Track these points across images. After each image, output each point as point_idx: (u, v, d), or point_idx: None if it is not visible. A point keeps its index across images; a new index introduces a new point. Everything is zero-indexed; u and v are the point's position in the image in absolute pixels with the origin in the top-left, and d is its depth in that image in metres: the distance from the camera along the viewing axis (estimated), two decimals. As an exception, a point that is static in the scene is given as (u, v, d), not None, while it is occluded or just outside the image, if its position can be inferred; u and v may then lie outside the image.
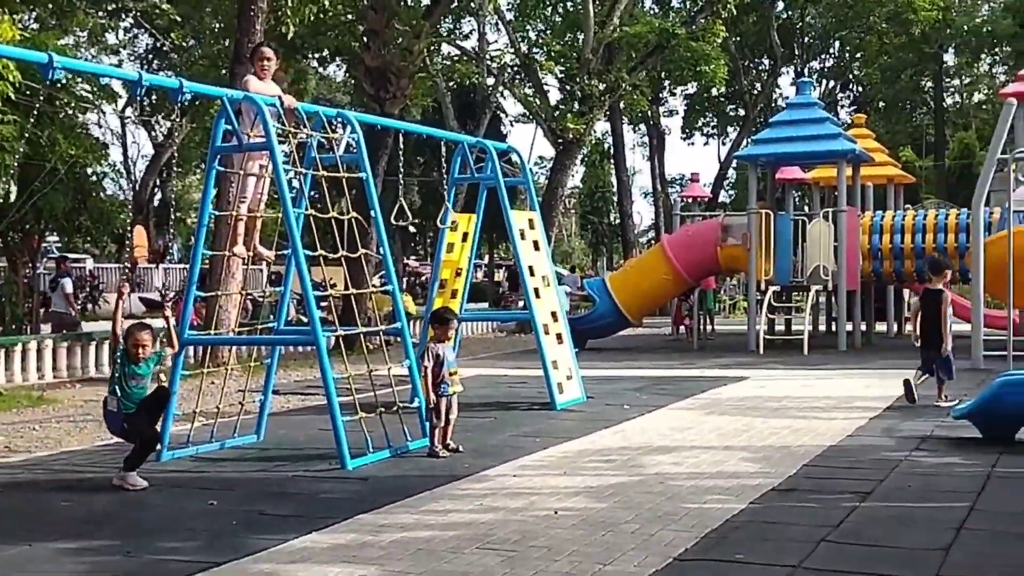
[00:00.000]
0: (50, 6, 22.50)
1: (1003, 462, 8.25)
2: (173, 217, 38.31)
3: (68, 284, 20.25)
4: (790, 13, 47.83)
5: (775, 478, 7.85)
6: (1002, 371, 12.06)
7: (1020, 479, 7.70)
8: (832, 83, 52.08)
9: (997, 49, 49.48)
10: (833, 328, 21.86)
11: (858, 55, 49.52)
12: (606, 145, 54.47)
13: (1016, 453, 8.65)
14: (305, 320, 12.53)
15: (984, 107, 53.55)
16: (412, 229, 12.09)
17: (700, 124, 54.82)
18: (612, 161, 49.74)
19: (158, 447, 8.58)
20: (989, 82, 54.17)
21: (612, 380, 14.83)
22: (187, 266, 11.33)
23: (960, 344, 17.57)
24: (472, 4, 29.95)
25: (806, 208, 24.79)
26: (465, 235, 13.03)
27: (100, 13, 23.82)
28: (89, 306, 28.65)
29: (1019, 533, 6.23)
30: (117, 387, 8.01)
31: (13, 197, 17.56)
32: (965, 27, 48.92)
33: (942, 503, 6.99)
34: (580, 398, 12.55)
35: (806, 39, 49.95)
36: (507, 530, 6.41)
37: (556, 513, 6.84)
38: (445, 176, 12.53)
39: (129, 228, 27.73)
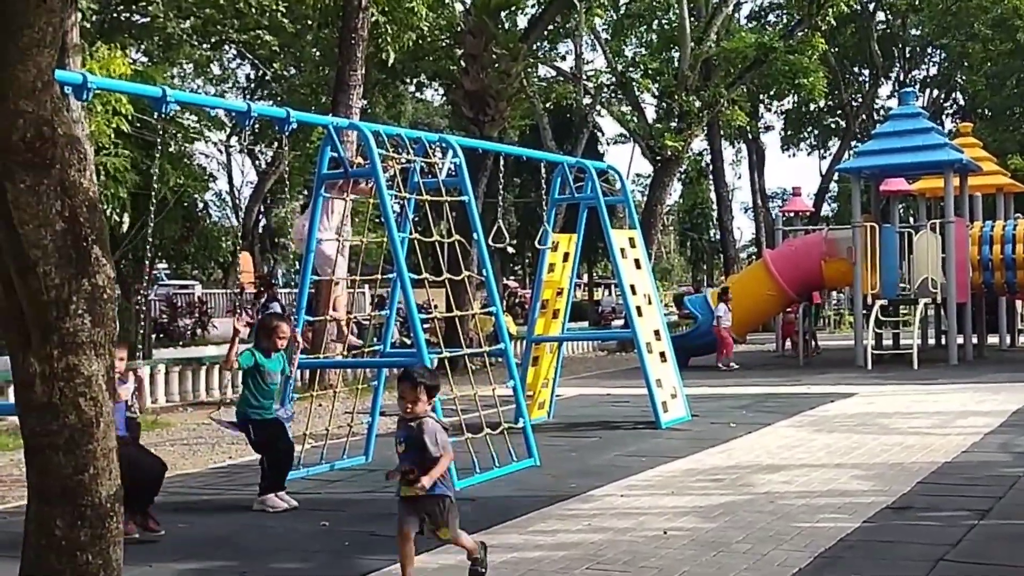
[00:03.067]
0: (157, 39, 23.19)
1: None
2: (276, 243, 38.98)
3: (277, 308, 20.16)
4: (890, 22, 47.07)
5: (888, 496, 7.70)
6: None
7: None
8: (935, 92, 51.05)
9: (1111, 50, 47.97)
10: (943, 342, 21.38)
11: (962, 63, 48.47)
12: (704, 162, 54.11)
13: None
14: (409, 342, 12.68)
15: (1098, 111, 51.94)
16: (511, 250, 12.15)
17: (801, 137, 54.12)
18: (711, 177, 49.37)
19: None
20: (1100, 86, 52.56)
21: (717, 398, 14.70)
22: (294, 291, 11.54)
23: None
24: (568, 25, 30.03)
25: (911, 220, 24.29)
26: (566, 255, 13.05)
27: (205, 45, 24.45)
28: (198, 331, 29.38)
29: None
30: (250, 395, 8.08)
31: (126, 227, 18.10)
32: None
33: (1066, 521, 6.80)
34: (685, 417, 12.47)
35: (907, 48, 49.08)
36: (616, 551, 6.39)
37: (665, 533, 6.81)
38: (544, 197, 12.59)
39: (235, 254, 28.35)
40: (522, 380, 11.80)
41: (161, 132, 10.88)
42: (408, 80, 26.82)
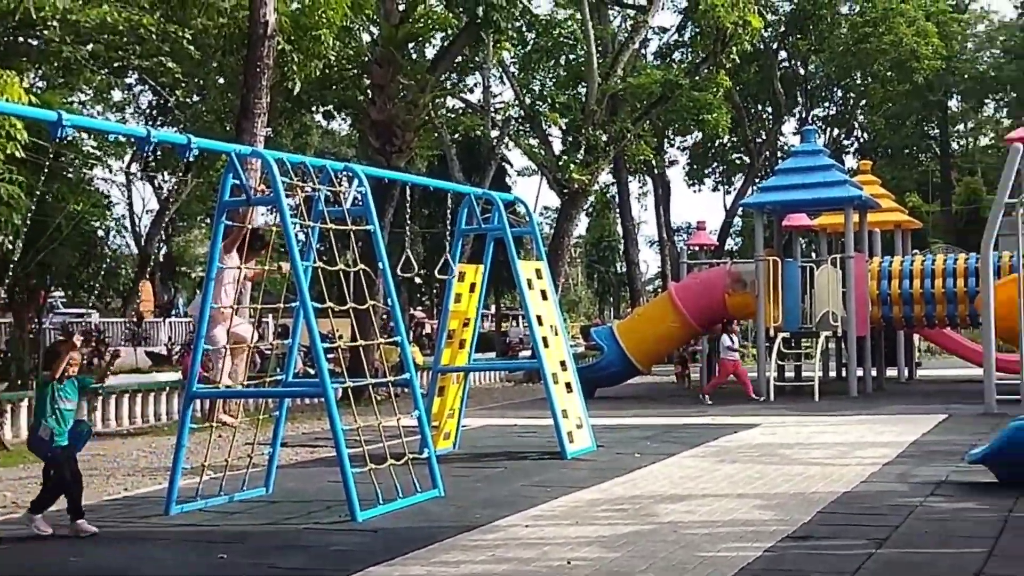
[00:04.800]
0: (56, 64, 22.70)
1: (1020, 507, 8.18)
2: (177, 271, 38.36)
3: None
4: (792, 62, 48.15)
5: (790, 525, 7.76)
6: (1016, 415, 11.96)
7: (1038, 523, 7.61)
8: (837, 130, 52.30)
9: (1001, 94, 49.77)
10: (843, 374, 21.75)
11: (862, 102, 49.77)
12: (611, 195, 54.65)
13: (1033, 497, 8.56)
14: (313, 372, 12.51)
15: (990, 151, 53.78)
16: (418, 280, 12.09)
17: (706, 172, 54.99)
18: (617, 210, 49.86)
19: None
20: (994, 127, 54.44)
21: (622, 428, 14.75)
22: (193, 319, 11.32)
23: (972, 389, 17.59)
24: (477, 58, 30.15)
25: (813, 255, 24.73)
26: (472, 286, 13.02)
27: (105, 71, 23.99)
28: (95, 360, 28.65)
29: (1039, 578, 6.15)
30: (48, 415, 8.11)
31: (18, 255, 17.59)
32: (968, 74, 49.25)
33: (959, 549, 6.91)
34: (590, 447, 12.48)
35: (809, 87, 50.25)
36: (520, 581, 6.34)
37: (569, 563, 6.76)
38: (451, 228, 12.55)
39: (134, 282, 27.81)
40: (428, 410, 11.71)
41: (53, 157, 10.60)
42: (315, 109, 26.64)
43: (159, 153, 30.59)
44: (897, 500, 8.69)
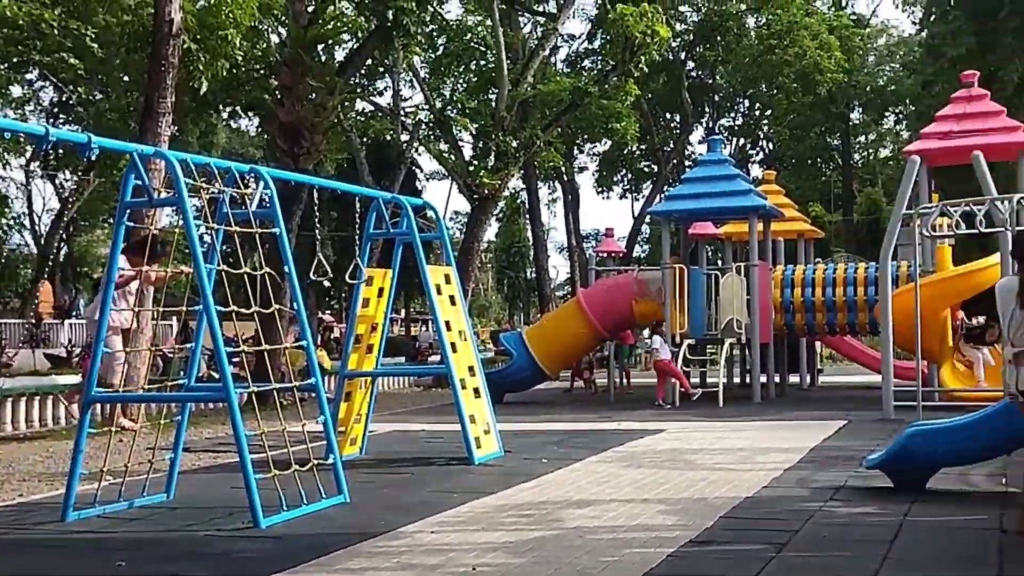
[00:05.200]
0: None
1: (914, 511, 8.34)
2: (79, 272, 37.55)
3: None
4: (700, 72, 48.84)
5: (693, 530, 7.84)
6: (912, 421, 12.26)
7: (931, 527, 7.78)
8: (743, 140, 53.21)
9: (900, 107, 51.05)
10: (747, 380, 22.09)
11: (767, 113, 50.69)
12: (521, 200, 54.86)
13: (927, 502, 8.75)
14: (216, 376, 12.32)
15: (890, 163, 55.13)
16: (327, 284, 11.99)
17: (614, 180, 55.52)
18: (527, 216, 50.06)
19: None
20: (894, 139, 55.84)
21: (530, 434, 14.78)
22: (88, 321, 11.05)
23: (871, 395, 17.99)
24: (387, 61, 30.05)
25: (719, 262, 25.12)
26: (381, 290, 12.94)
27: (4, 66, 23.38)
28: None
29: (931, 581, 6.30)
30: None
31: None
32: (869, 87, 50.46)
33: (856, 552, 7.03)
34: (498, 452, 12.48)
35: (716, 97, 51.03)
36: (424, 588, 6.31)
37: (474, 569, 6.75)
38: (359, 232, 12.46)
39: (33, 283, 27.14)
40: (334, 415, 11.61)
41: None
42: (221, 109, 26.28)
43: (60, 151, 29.93)
44: (797, 505, 8.83)
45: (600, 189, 55.71)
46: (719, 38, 45.61)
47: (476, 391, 12.65)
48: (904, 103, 49.25)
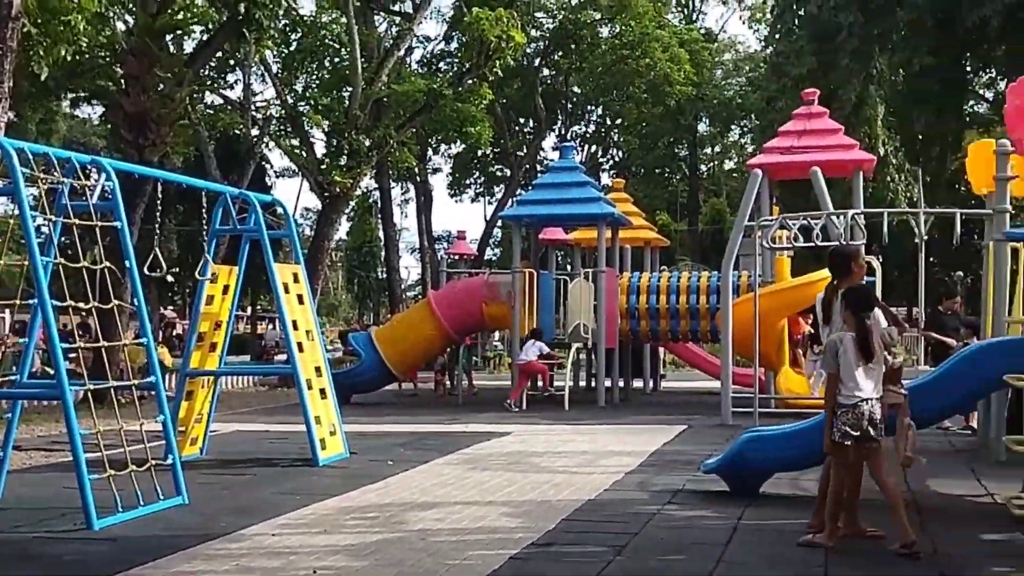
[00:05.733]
0: None
1: (748, 515, 8.60)
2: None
3: None
4: (554, 79, 49.36)
5: (535, 532, 7.93)
6: (748, 427, 12.63)
7: (763, 531, 8.04)
8: (594, 147, 53.97)
9: (746, 121, 52.56)
10: (593, 384, 22.40)
11: (618, 122, 51.56)
12: (373, 200, 54.54)
13: (760, 506, 9.03)
14: (51, 372, 11.90)
15: (734, 175, 56.69)
16: (170, 279, 11.69)
17: (467, 183, 55.69)
18: (379, 216, 49.82)
19: None
20: (739, 151, 57.47)
21: (376, 435, 14.70)
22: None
23: (711, 401, 18.46)
24: (238, 54, 29.47)
25: (568, 268, 25.42)
26: (226, 287, 12.69)
27: None
28: None
29: (763, 582, 6.50)
30: None
31: None
32: (716, 100, 51.82)
33: (693, 555, 7.22)
34: (343, 454, 12.38)
35: (569, 105, 51.67)
36: (263, 591, 6.22)
37: (315, 573, 6.69)
38: (206, 227, 12.20)
39: None
40: (174, 415, 11.35)
41: None
42: (63, 96, 25.38)
43: None
44: (637, 508, 9.01)
45: (453, 191, 55.86)
46: (573, 46, 46.20)
47: (322, 392, 12.53)
48: (749, 117, 50.73)
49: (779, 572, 6.77)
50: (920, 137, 35.03)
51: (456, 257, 29.20)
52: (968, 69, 36.00)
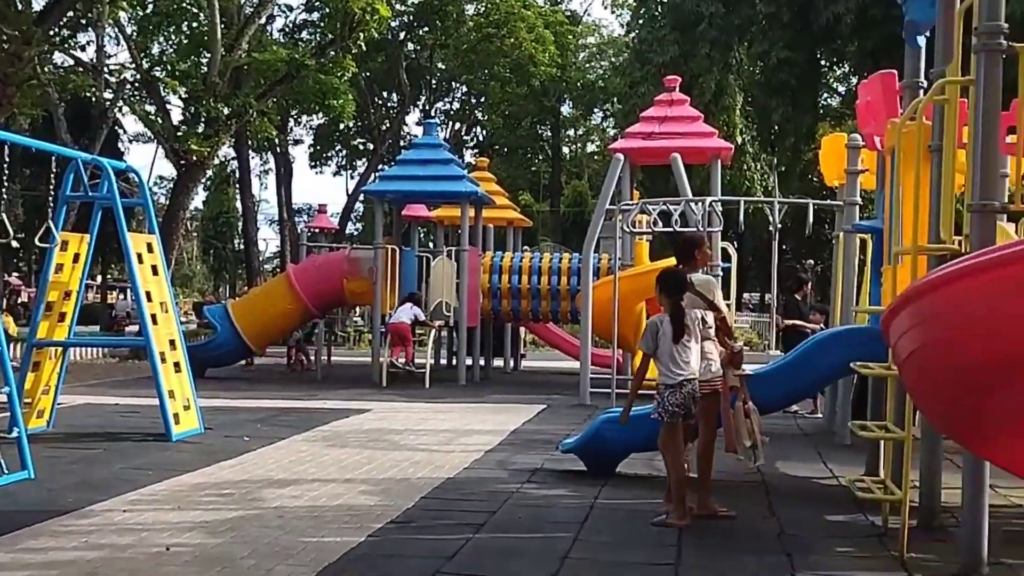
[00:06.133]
0: None
1: (604, 494, 8.74)
2: None
3: None
4: (419, 54, 49.07)
5: (394, 511, 7.91)
6: (605, 407, 12.83)
7: (618, 510, 8.18)
8: (458, 125, 53.87)
9: (608, 105, 53.14)
10: (454, 362, 22.44)
11: (483, 100, 51.56)
12: (231, 170, 53.45)
13: (616, 486, 9.18)
14: None
15: (596, 158, 57.33)
16: (15, 244, 11.23)
17: (329, 155, 54.99)
18: (237, 186, 48.86)
19: None
20: (600, 135, 58.11)
21: (232, 411, 14.44)
22: None
23: (570, 381, 18.68)
24: (90, 14, 28.43)
25: (430, 245, 25.37)
26: (77, 256, 12.28)
27: None
28: None
29: (616, 561, 6.61)
30: None
31: None
32: (580, 83, 52.27)
33: (549, 533, 7.30)
34: (198, 429, 12.13)
35: (433, 81, 51.45)
36: (113, 568, 6.07)
37: (168, 549, 6.55)
38: (55, 192, 11.76)
39: None
40: (20, 386, 10.94)
41: None
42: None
43: None
44: (496, 487, 9.07)
45: (314, 163, 55.09)
46: (439, 22, 45.99)
47: (176, 365, 12.25)
48: (611, 101, 51.29)
49: (634, 550, 6.90)
50: (776, 128, 35.95)
51: (317, 231, 28.80)
52: (822, 63, 37.07)
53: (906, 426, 7.19)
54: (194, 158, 26.68)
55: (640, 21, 39.34)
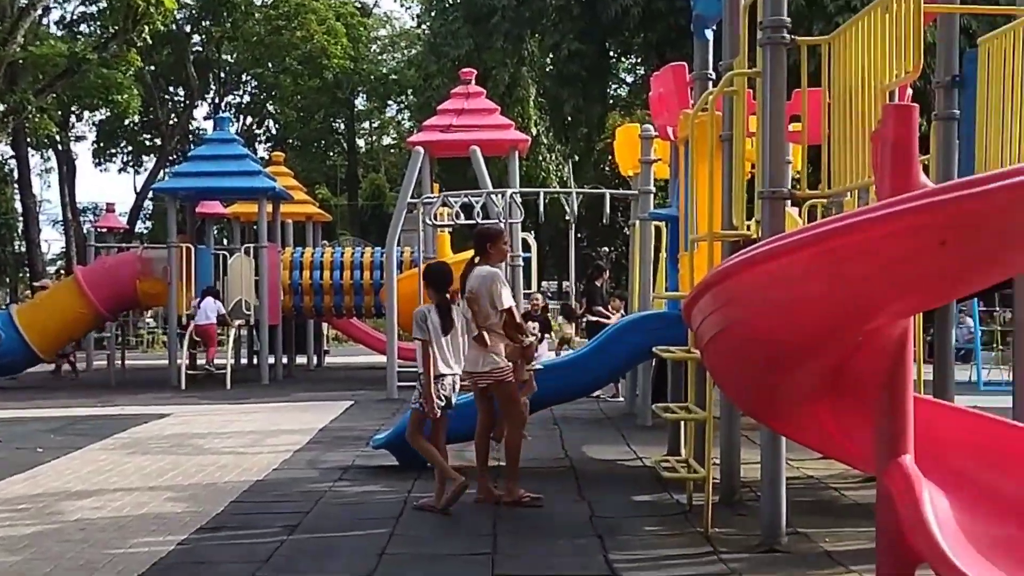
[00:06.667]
0: None
1: (418, 487, 8.76)
2: None
3: None
4: (206, 47, 47.86)
5: (203, 516, 7.74)
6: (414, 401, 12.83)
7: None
8: (250, 119, 52.78)
9: (403, 97, 53.01)
10: (255, 362, 22.02)
11: (274, 93, 50.66)
12: (9, 168, 50.82)
13: (429, 479, 9.12)
14: None
15: (392, 151, 57.07)
16: None
17: (114, 152, 52.93)
18: (16, 186, 46.51)
19: None
20: (396, 128, 57.90)
21: (22, 421, 13.81)
22: None
23: (377, 376, 18.61)
24: None
25: (226, 242, 24.77)
26: None
27: None
28: None
29: (434, 554, 6.65)
30: None
31: None
32: (373, 75, 51.98)
33: (365, 530, 7.28)
34: (-15, 443, 11.55)
35: (222, 74, 50.27)
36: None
37: (-38, 572, 6.22)
38: None
39: None
40: None
41: None
42: None
43: None
44: (308, 486, 8.98)
45: (98, 161, 52.89)
46: (226, 14, 44.95)
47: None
48: (406, 93, 51.20)
49: (450, 542, 6.96)
50: (568, 118, 36.62)
51: (105, 231, 27.68)
52: (611, 55, 37.97)
53: (707, 407, 7.49)
54: (-31, 157, 25.33)
55: (432, 14, 39.39)
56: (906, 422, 4.51)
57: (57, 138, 41.67)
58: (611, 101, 41.92)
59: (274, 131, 55.59)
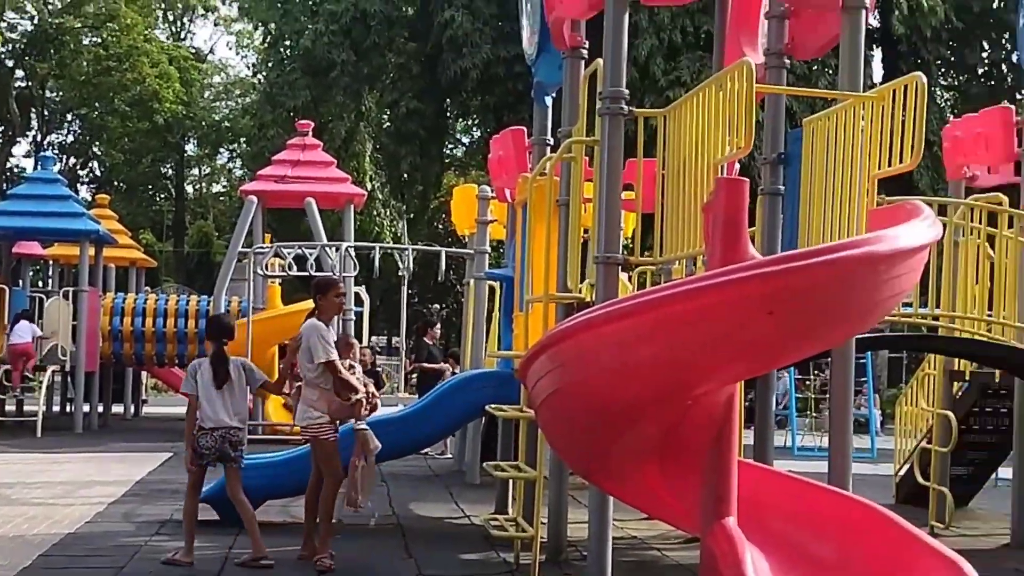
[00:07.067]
0: None
1: (240, 543, 8.55)
2: None
3: None
4: (30, 83, 46.41)
5: (9, 570, 7.38)
6: (237, 453, 12.53)
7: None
8: (73, 159, 51.20)
9: (235, 145, 52.25)
10: (69, 409, 21.16)
11: (100, 134, 49.32)
12: None
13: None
14: None
15: (222, 198, 56.02)
16: None
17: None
18: None
19: None
20: (227, 175, 56.92)
21: None
22: None
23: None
24: None
25: (41, 284, 23.85)
26: None
27: None
28: None
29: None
30: None
31: None
32: (205, 122, 51.16)
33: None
34: None
35: (46, 112, 48.76)
36: None
37: None
38: None
39: None
40: None
41: None
42: None
43: None
44: (123, 540, 8.67)
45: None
46: (53, 51, 43.70)
47: None
48: (239, 142, 50.50)
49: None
50: (405, 175, 36.71)
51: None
52: (449, 115, 38.33)
53: (538, 465, 7.56)
54: None
55: (269, 64, 39.07)
56: (731, 485, 4.66)
57: None
58: (448, 160, 42.26)
59: (99, 172, 53.96)
